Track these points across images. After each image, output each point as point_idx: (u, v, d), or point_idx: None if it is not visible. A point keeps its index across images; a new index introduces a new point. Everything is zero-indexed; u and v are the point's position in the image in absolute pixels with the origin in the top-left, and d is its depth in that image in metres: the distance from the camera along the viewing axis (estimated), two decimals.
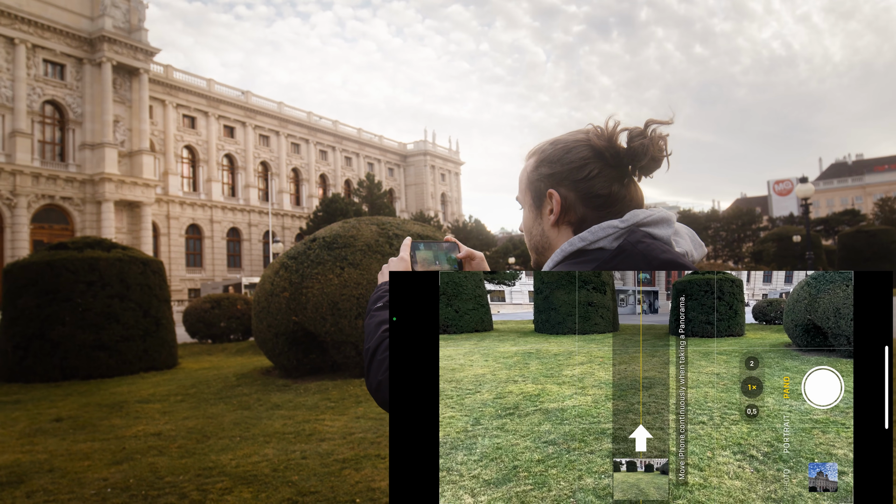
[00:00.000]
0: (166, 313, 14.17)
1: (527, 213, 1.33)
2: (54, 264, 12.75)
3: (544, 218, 1.27)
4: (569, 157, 1.23)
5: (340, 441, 6.43)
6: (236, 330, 19.97)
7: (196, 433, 7.16)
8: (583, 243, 1.17)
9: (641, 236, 1.17)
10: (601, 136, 1.22)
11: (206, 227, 58.73)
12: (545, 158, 1.26)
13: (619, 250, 1.15)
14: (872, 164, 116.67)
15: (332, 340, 10.16)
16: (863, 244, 46.79)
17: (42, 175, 44.37)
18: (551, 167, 1.25)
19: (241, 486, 5.13)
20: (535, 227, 1.30)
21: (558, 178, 1.24)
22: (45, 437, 7.30)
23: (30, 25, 44.33)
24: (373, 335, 1.24)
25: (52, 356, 12.32)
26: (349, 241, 10.51)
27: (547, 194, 1.25)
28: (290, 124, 67.99)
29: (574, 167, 1.22)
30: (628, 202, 1.23)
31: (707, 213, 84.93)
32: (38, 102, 45.07)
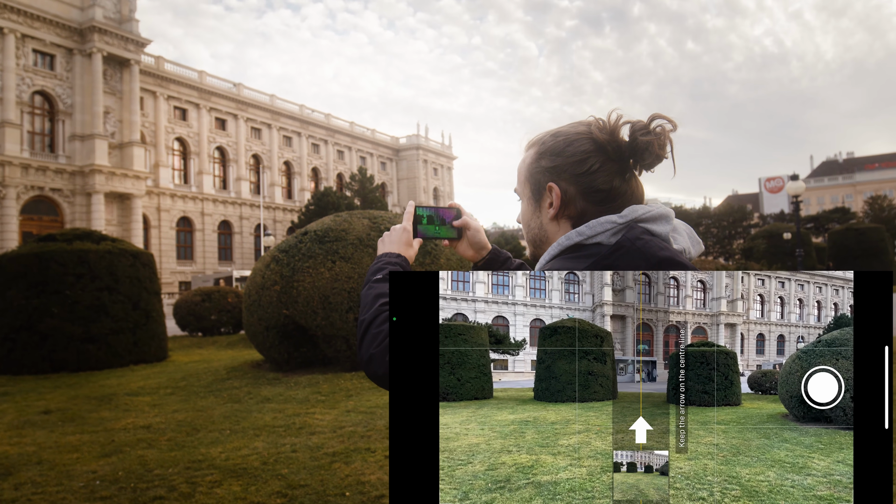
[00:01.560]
0: (156, 306, 14.11)
1: (525, 206, 1.31)
2: (43, 256, 12.66)
3: (543, 211, 1.26)
4: (570, 150, 1.20)
5: (330, 435, 6.42)
6: (227, 323, 19.92)
7: (186, 426, 7.14)
8: (580, 238, 1.16)
9: (640, 232, 1.16)
10: (603, 129, 1.20)
11: (196, 220, 58.48)
12: (546, 150, 1.24)
13: (616, 246, 1.14)
14: (863, 162, 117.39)
15: (323, 334, 10.14)
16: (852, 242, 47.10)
17: (31, 166, 44.04)
18: (552, 160, 1.23)
19: (230, 479, 5.11)
20: (534, 220, 1.29)
21: (559, 171, 1.21)
22: (34, 430, 7.25)
23: (19, 15, 43.91)
24: (369, 307, 1.24)
25: (40, 348, 12.25)
26: (341, 235, 10.48)
27: (547, 187, 1.23)
28: (283, 117, 67.73)
29: (575, 161, 1.20)
30: (629, 197, 1.21)
31: (698, 209, 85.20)
32: (27, 93, 44.68)
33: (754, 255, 52.87)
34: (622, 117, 1.20)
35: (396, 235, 1.49)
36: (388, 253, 1.45)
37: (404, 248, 1.47)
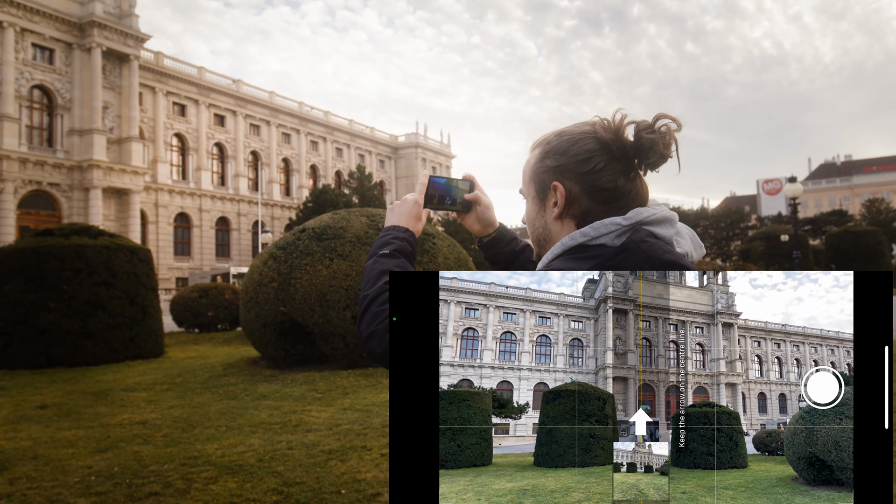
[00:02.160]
0: (153, 302, 14.09)
1: (530, 205, 1.32)
2: (40, 251, 12.64)
3: (548, 210, 1.26)
4: (574, 150, 1.21)
5: (326, 432, 6.42)
6: (224, 320, 19.90)
7: (182, 422, 7.13)
8: (584, 238, 1.16)
9: (645, 235, 1.16)
10: (608, 128, 1.20)
11: (194, 216, 58.41)
12: (550, 150, 1.24)
13: (622, 248, 1.14)
14: (861, 165, 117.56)
15: (320, 332, 10.14)
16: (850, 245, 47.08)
17: (29, 160, 43.94)
18: (556, 159, 1.23)
19: (226, 475, 5.11)
20: (538, 219, 1.29)
21: (563, 170, 1.22)
22: (30, 424, 7.25)
23: (19, 9, 43.80)
24: (373, 283, 1.25)
25: (37, 343, 12.23)
26: (339, 233, 10.48)
27: (551, 186, 1.23)
28: (281, 114, 67.64)
29: (580, 160, 1.20)
30: (633, 196, 1.22)
31: (696, 210, 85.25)
32: (26, 87, 44.58)
33: (752, 256, 52.93)
34: (626, 117, 1.20)
35: (407, 208, 1.48)
36: (395, 226, 1.44)
37: (413, 222, 1.47)
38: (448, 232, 57.29)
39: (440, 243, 11.03)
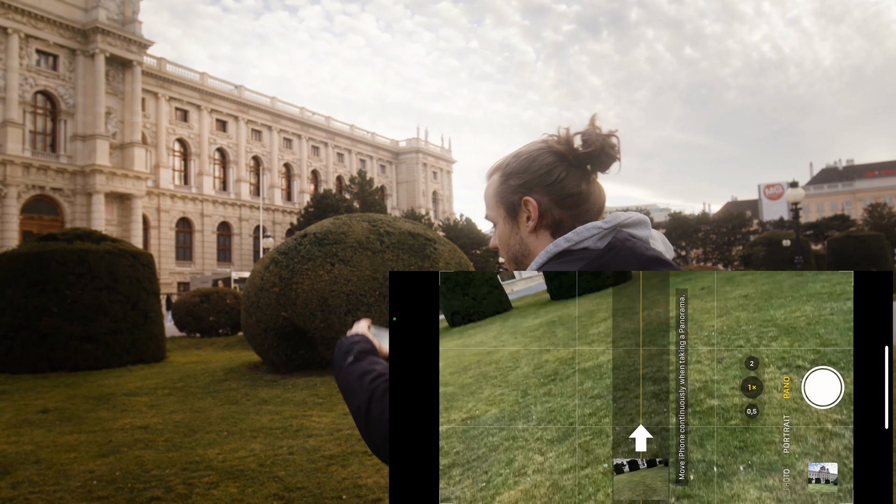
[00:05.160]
0: (155, 306, 14.11)
1: (501, 227, 1.35)
2: (43, 255, 12.68)
3: (521, 226, 1.30)
4: (535, 166, 1.27)
5: (328, 437, 6.42)
6: (225, 324, 19.92)
7: (183, 427, 7.14)
8: (568, 244, 1.21)
9: (627, 235, 1.22)
10: (560, 141, 1.27)
11: (196, 221, 58.46)
12: (512, 171, 1.30)
13: (608, 247, 1.19)
14: (863, 169, 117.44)
15: (322, 336, 10.14)
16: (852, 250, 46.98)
17: (33, 165, 44.01)
18: (520, 177, 1.28)
19: (227, 480, 5.11)
20: (513, 237, 1.32)
21: (529, 185, 1.27)
22: (32, 429, 7.25)
23: (23, 15, 43.95)
24: (357, 391, 1.14)
25: (39, 347, 12.25)
26: (340, 238, 10.49)
27: (522, 202, 1.28)
28: (283, 119, 67.77)
29: (542, 173, 1.26)
30: (596, 198, 1.29)
31: (697, 215, 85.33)
32: (29, 92, 44.69)
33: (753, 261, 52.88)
34: (570, 129, 1.28)
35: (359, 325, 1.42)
36: (346, 337, 1.36)
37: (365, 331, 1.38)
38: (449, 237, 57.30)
39: (441, 248, 11.04)
